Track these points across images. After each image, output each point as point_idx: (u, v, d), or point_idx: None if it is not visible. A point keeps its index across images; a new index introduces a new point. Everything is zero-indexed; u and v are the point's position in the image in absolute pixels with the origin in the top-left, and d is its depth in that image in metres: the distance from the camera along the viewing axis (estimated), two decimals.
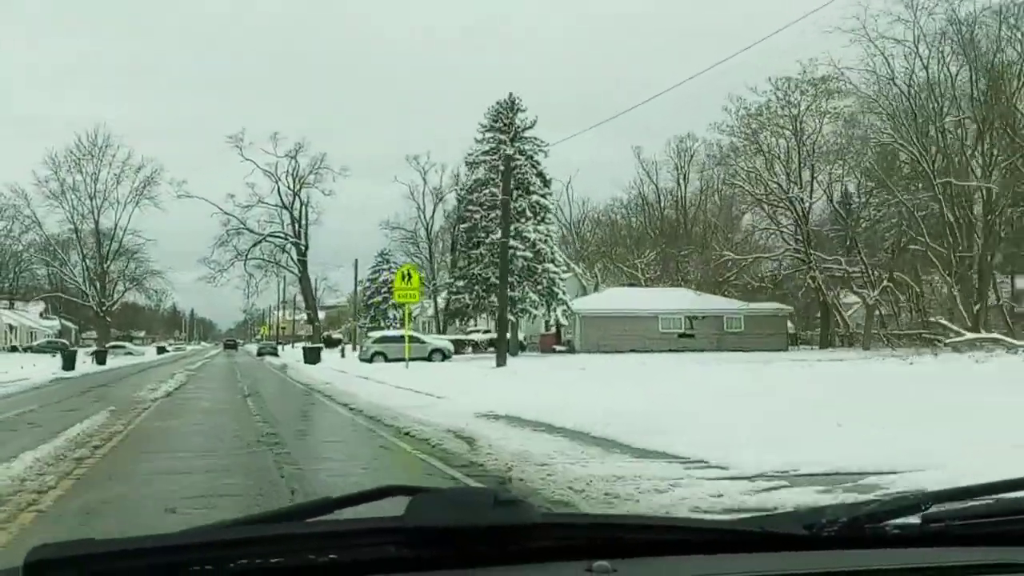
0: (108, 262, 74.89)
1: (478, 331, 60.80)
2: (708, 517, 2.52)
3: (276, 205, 76.15)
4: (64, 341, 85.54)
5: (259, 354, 76.87)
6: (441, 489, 1.36)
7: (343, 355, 53.68)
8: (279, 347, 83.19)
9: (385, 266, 76.40)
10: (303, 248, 75.72)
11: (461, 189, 47.58)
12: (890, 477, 7.48)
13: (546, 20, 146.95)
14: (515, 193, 45.69)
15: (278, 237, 76.42)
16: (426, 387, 22.25)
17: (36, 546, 1.13)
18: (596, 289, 58.88)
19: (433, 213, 76.28)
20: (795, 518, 1.45)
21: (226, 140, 74.74)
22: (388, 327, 75.11)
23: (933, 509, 1.44)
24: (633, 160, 79.65)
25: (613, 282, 64.64)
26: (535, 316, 44.74)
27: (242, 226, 75.23)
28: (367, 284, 78.04)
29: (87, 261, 75.56)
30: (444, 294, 76.26)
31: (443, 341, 44.74)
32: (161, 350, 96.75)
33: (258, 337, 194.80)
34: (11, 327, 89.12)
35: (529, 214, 45.10)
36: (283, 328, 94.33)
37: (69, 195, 73.44)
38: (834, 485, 7.42)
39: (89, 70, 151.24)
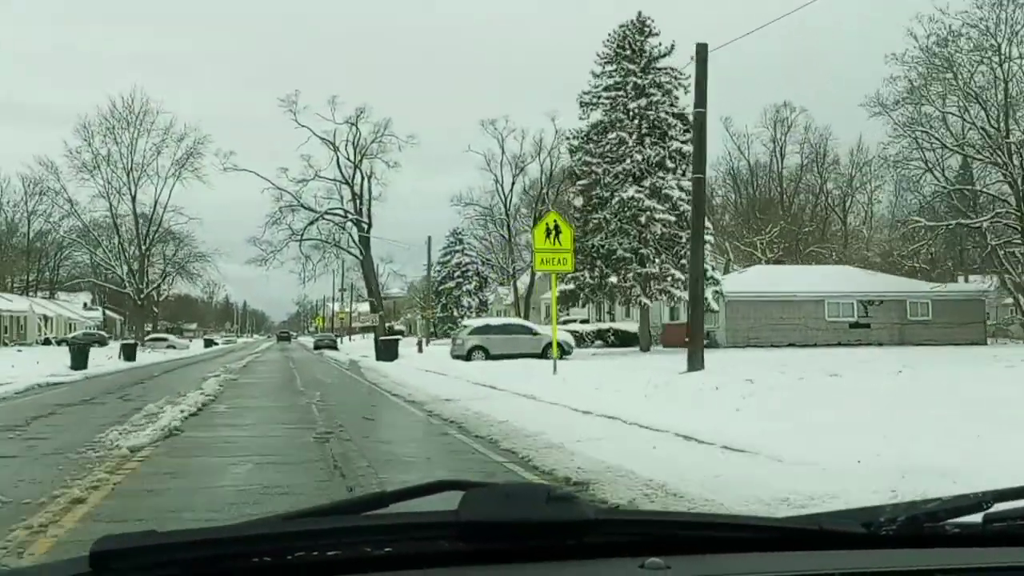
0: (147, 244, 65.21)
1: (574, 320, 49.99)
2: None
3: (334, 179, 66.04)
4: (102, 333, 76.45)
5: (316, 348, 66.94)
6: (495, 484, 1.40)
7: (421, 349, 43.27)
8: (338, 339, 73.22)
9: (458, 247, 65.94)
10: (366, 227, 65.40)
11: (574, 138, 36.59)
12: None
13: None
14: (647, 140, 34.81)
15: (337, 215, 66.26)
16: (634, 412, 11.65)
17: (101, 537, 1.13)
18: (729, 269, 47.73)
19: (512, 185, 65.65)
20: (853, 516, 1.41)
21: (278, 103, 64.70)
22: (462, 316, 64.67)
23: (995, 508, 1.37)
24: (721, 133, 68.18)
25: (735, 263, 53.47)
26: (678, 300, 33.78)
27: (296, 202, 65.31)
28: (437, 268, 67.62)
29: (123, 243, 65.91)
30: (523, 278, 65.67)
31: (562, 333, 34.01)
32: (209, 343, 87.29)
33: (311, 329, 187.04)
34: (46, 318, 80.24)
35: (669, 165, 34.16)
36: (341, 318, 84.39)
37: (103, 168, 63.83)
38: None
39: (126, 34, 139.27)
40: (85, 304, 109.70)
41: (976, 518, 1.37)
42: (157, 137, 63.85)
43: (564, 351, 32.26)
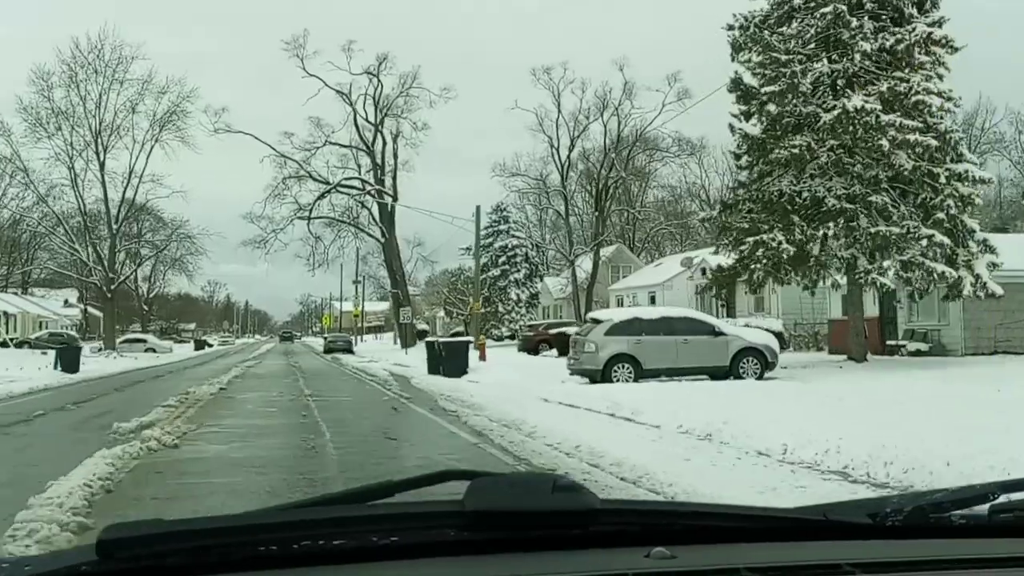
0: (118, 222, 51.45)
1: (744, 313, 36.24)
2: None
3: (350, 144, 52.48)
4: (72, 334, 62.73)
5: (328, 351, 53.34)
6: (501, 474, 1.35)
7: (484, 355, 29.60)
8: (353, 340, 59.65)
9: (503, 226, 52.27)
10: (389, 201, 51.78)
11: (741, 28, 22.67)
12: None
13: None
14: (870, 22, 21.31)
15: (353, 187, 52.61)
16: None
17: (109, 525, 1.12)
18: None
19: (571, 150, 51.96)
20: (859, 507, 1.40)
21: (282, 47, 51.09)
22: (508, 312, 51.03)
23: (1001, 499, 1.36)
24: None
25: None
26: (938, 277, 20.00)
27: (303, 170, 51.75)
28: (471, 250, 53.90)
29: (88, 220, 52.12)
30: (584, 263, 51.98)
31: (758, 333, 20.19)
32: (201, 345, 73.68)
33: (316, 329, 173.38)
34: (6, 315, 66.53)
35: (920, 57, 20.54)
36: (356, 316, 70.57)
37: (64, 127, 49.97)
38: None
39: None
40: (66, 301, 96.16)
41: (982, 509, 1.34)
42: (133, 90, 50.15)
43: (766, 361, 18.63)
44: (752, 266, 21.53)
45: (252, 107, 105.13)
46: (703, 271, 38.82)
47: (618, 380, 17.63)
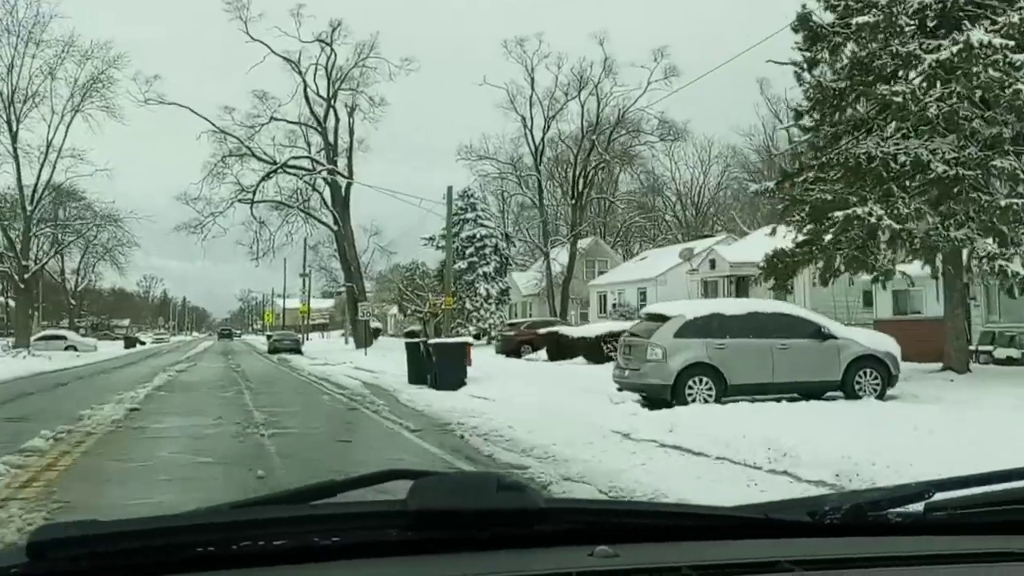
0: (32, 204, 44.74)
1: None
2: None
3: (299, 122, 46.72)
4: None
5: (274, 351, 47.39)
6: (444, 473, 1.37)
7: (469, 363, 24.18)
8: (301, 339, 53.65)
9: (470, 214, 46.87)
10: (345, 183, 46.11)
11: None
12: None
13: None
14: None
15: (302, 168, 46.81)
16: None
17: (41, 525, 1.10)
18: None
19: (545, 131, 46.82)
20: (799, 505, 1.42)
21: (223, 6, 45.01)
22: (477, 309, 45.83)
23: (936, 497, 1.38)
24: None
25: None
26: None
27: (245, 148, 45.77)
28: (439, 243, 48.44)
29: None
30: (559, 256, 46.96)
31: (872, 334, 15.16)
32: (131, 343, 66.91)
33: (257, 327, 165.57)
34: None
35: None
36: (303, 313, 64.34)
37: None
38: None
39: None
40: None
41: (918, 507, 1.36)
42: (51, 52, 43.56)
43: (887, 376, 13.71)
44: (835, 248, 16.71)
45: (188, 78, 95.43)
46: (712, 263, 34.16)
47: (693, 400, 12.54)
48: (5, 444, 9.30)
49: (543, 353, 28.80)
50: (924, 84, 16.04)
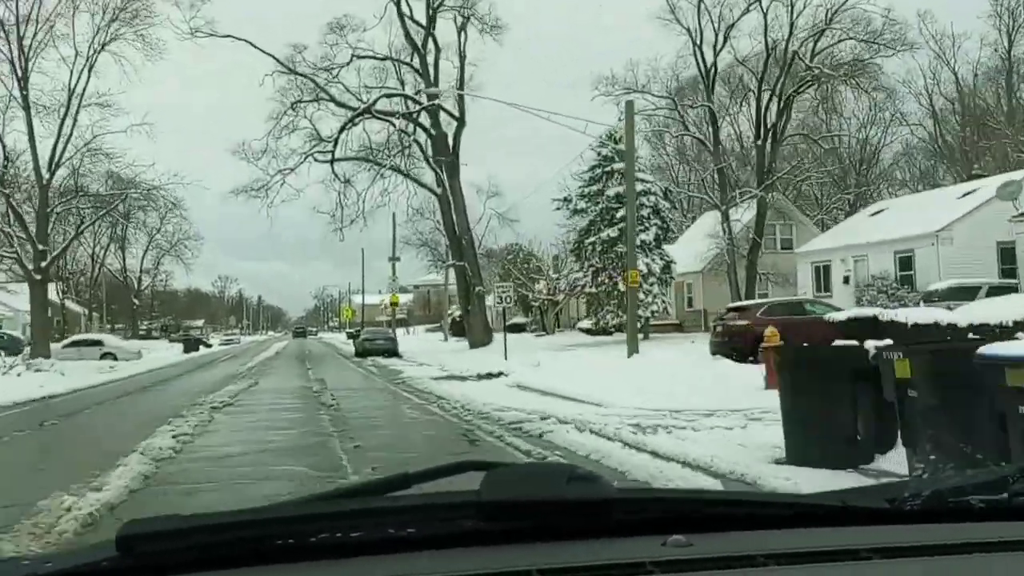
0: (52, 168, 33.64)
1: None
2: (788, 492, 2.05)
3: (389, 57, 34.97)
4: (12, 334, 45.24)
5: (363, 353, 35.69)
6: (516, 464, 1.38)
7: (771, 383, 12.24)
8: (395, 334, 41.63)
9: (618, 163, 34.36)
10: (451, 132, 34.18)
11: None
12: None
13: None
14: None
15: (393, 115, 34.98)
16: None
17: (129, 520, 1.11)
18: None
19: (719, 49, 34.13)
20: (878, 492, 1.38)
21: None
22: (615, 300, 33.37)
23: (1021, 483, 1.34)
24: None
25: None
26: None
27: (320, 92, 34.16)
28: (570, 207, 35.94)
29: (6, 167, 34.34)
30: (759, 204, 34.16)
31: None
32: (193, 345, 56.08)
33: (332, 324, 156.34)
34: None
35: None
36: (393, 304, 52.55)
37: None
38: None
39: None
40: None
41: (1002, 492, 1.32)
42: None
43: None
44: None
45: (245, 7, 72.98)
46: None
47: None
48: None
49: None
50: None
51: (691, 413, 11.13)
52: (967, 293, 20.49)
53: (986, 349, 5.19)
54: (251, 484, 7.20)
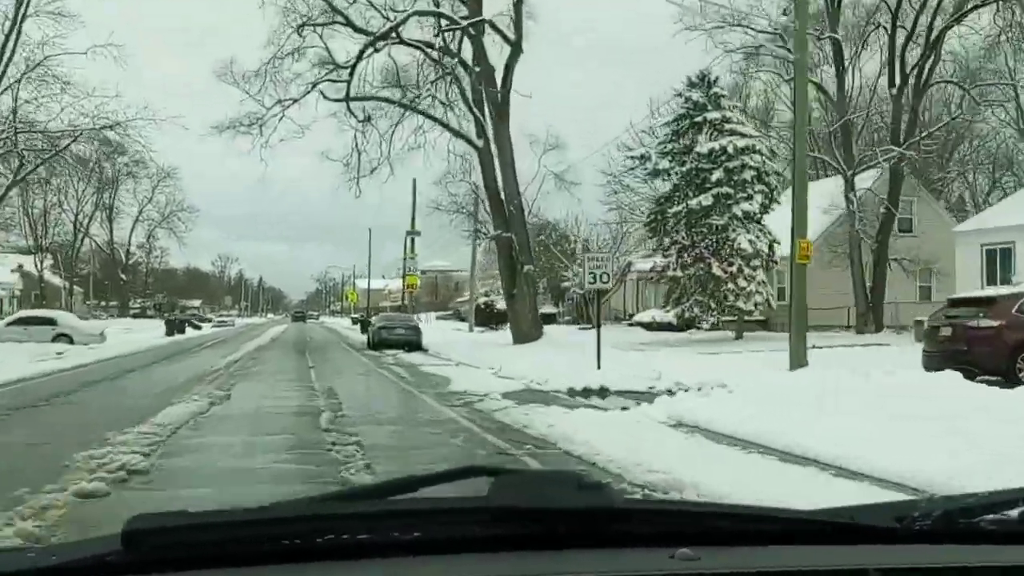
0: None
1: None
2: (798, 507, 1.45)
3: None
4: None
5: (379, 344, 28.04)
6: (524, 471, 1.39)
7: None
8: (419, 321, 33.60)
9: (711, 112, 26.52)
10: (501, 67, 26.38)
11: None
12: None
13: None
14: None
15: (428, 44, 27.21)
16: None
17: (135, 515, 1.10)
18: None
19: None
20: (886, 509, 1.36)
21: None
22: (731, 277, 25.97)
23: None
24: None
25: None
26: None
27: (334, 11, 26.43)
28: (650, 162, 28.07)
29: None
30: (893, 167, 26.14)
31: None
32: (178, 327, 48.13)
33: (334, 308, 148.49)
34: None
35: None
36: (410, 288, 44.59)
37: None
38: None
39: None
40: (20, 266, 71.47)
41: (1012, 514, 1.29)
42: None
43: None
44: None
45: None
46: None
47: None
48: None
49: None
50: None
51: None
52: None
53: None
54: None
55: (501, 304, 49.23)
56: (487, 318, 46.18)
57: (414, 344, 28.38)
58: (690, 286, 26.01)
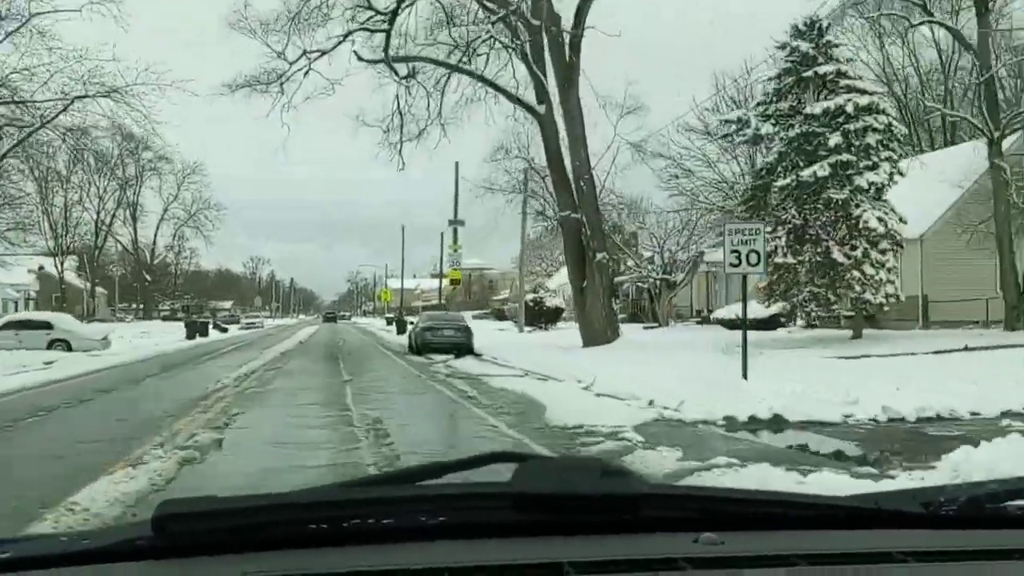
0: None
1: None
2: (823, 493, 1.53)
3: None
4: None
5: (422, 348, 23.44)
6: (549, 457, 1.30)
7: None
8: (467, 323, 29.04)
9: (824, 65, 21.61)
10: (576, 12, 21.71)
11: None
12: None
13: None
14: None
15: None
16: None
17: (165, 500, 1.11)
18: None
19: None
20: (912, 496, 1.34)
21: None
22: (855, 264, 20.98)
23: None
24: None
25: None
26: None
27: None
28: (748, 126, 23.32)
29: None
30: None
31: None
32: (200, 329, 43.90)
33: (368, 308, 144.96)
34: None
35: None
36: (452, 284, 39.71)
37: None
38: None
39: None
40: (41, 267, 67.99)
41: None
42: None
43: None
44: None
45: None
46: None
47: None
48: None
49: None
50: None
51: None
52: None
53: None
54: None
55: (550, 301, 44.56)
56: (535, 316, 41.59)
57: (465, 348, 23.83)
58: (803, 275, 21.15)
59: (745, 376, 11.68)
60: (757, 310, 30.56)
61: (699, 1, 72.51)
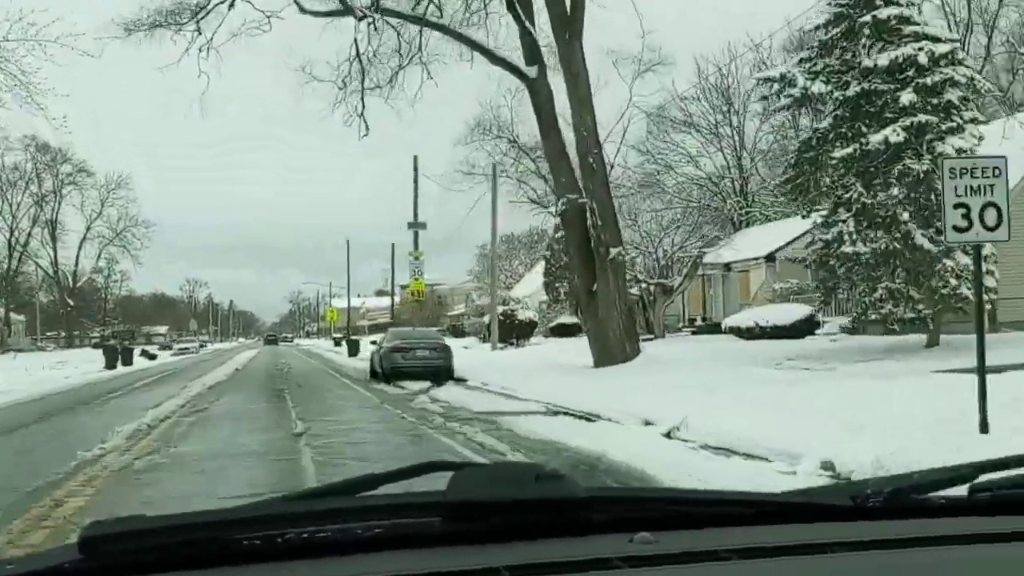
0: None
1: None
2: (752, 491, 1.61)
3: None
4: None
5: (389, 376, 18.42)
6: (483, 464, 1.33)
7: None
8: (445, 342, 23.95)
9: (857, 12, 17.11)
10: None
11: None
12: None
13: None
14: None
15: None
16: None
17: (92, 522, 1.07)
18: None
19: None
20: (840, 491, 1.38)
21: None
22: (943, 255, 16.33)
23: (980, 479, 1.33)
24: None
25: None
26: None
27: None
28: (794, 85, 18.79)
29: None
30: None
31: None
32: (120, 358, 37.87)
33: (311, 330, 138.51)
34: None
35: None
36: (412, 294, 34.66)
37: None
38: None
39: None
40: None
41: (961, 490, 1.31)
42: None
43: None
44: None
45: None
46: None
47: None
48: None
49: None
50: None
51: None
52: None
53: None
54: None
55: (523, 314, 39.69)
56: (507, 332, 36.65)
57: (444, 372, 18.86)
58: (878, 268, 16.61)
59: (985, 426, 6.91)
60: (772, 315, 26.04)
61: None
